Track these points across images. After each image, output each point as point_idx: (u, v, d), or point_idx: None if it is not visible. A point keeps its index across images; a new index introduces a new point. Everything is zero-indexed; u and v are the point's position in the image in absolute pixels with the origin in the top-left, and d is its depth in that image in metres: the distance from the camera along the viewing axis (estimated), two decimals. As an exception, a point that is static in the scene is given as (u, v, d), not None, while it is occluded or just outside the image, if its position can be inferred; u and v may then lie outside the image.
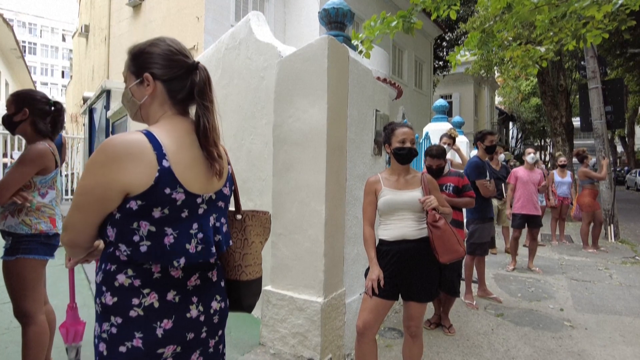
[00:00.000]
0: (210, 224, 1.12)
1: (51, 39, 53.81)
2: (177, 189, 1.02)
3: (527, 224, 5.21)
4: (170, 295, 1.05)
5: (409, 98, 14.17)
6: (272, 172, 2.85)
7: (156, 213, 1.00)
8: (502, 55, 9.13)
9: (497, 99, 31.77)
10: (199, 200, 1.08)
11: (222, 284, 1.22)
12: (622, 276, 5.10)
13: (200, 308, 1.11)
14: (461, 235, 2.54)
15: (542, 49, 5.68)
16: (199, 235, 1.08)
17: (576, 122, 13.99)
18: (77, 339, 2.01)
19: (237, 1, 9.39)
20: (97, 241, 1.14)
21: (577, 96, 16.97)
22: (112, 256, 1.04)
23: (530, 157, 5.34)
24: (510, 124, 32.68)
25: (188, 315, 1.08)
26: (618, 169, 26.68)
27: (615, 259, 6.07)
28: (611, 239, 7.73)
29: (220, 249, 1.16)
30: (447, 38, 18.17)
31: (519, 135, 32.55)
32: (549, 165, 20.11)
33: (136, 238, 1.01)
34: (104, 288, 1.04)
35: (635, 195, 21.04)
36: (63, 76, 51.28)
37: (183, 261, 1.04)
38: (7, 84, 20.79)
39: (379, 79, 3.79)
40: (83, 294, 3.58)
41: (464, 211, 3.78)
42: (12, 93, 2.10)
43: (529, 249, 5.43)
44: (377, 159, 3.33)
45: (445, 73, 19.46)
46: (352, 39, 3.70)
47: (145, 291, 1.02)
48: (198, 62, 1.14)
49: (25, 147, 2.07)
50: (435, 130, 6.49)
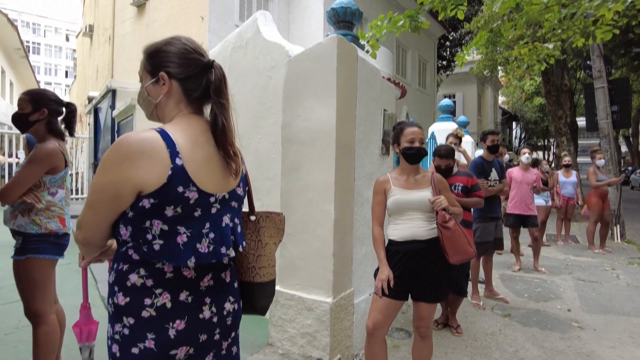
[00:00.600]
0: (224, 224, 1.11)
1: (55, 38, 54.05)
2: (190, 187, 1.01)
3: (523, 224, 5.19)
4: (182, 296, 1.04)
5: (413, 98, 14.13)
6: (281, 172, 2.84)
7: (169, 211, 1.00)
8: (507, 55, 9.09)
9: (501, 99, 31.65)
10: (212, 200, 1.07)
11: (236, 285, 1.20)
12: (629, 277, 5.07)
13: (213, 309, 1.10)
14: (471, 235, 2.52)
15: (550, 46, 5.64)
16: (210, 235, 1.06)
17: (580, 121, 13.94)
18: (90, 338, 2.01)
19: (241, 1, 9.39)
20: (111, 240, 1.14)
21: (582, 96, 16.90)
22: (124, 255, 1.03)
23: (525, 157, 5.27)
24: (514, 123, 32.55)
25: (201, 316, 1.07)
26: (623, 169, 26.52)
27: (621, 260, 6.04)
28: (617, 239, 7.69)
29: (236, 250, 1.15)
30: (451, 37, 18.12)
31: (523, 135, 32.42)
32: (553, 165, 20.02)
33: (149, 237, 1.00)
34: (116, 288, 1.03)
35: (640, 195, 20.96)
36: (67, 76, 51.45)
37: (194, 261, 1.02)
38: (11, 84, 20.90)
39: (383, 78, 3.77)
40: (89, 294, 3.56)
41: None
42: (25, 92, 2.09)
43: (532, 249, 5.41)
44: (385, 159, 3.31)
45: (448, 73, 19.40)
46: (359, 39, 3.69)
47: (158, 291, 1.01)
48: (213, 61, 1.13)
49: (35, 146, 2.06)
50: (441, 130, 6.46)
